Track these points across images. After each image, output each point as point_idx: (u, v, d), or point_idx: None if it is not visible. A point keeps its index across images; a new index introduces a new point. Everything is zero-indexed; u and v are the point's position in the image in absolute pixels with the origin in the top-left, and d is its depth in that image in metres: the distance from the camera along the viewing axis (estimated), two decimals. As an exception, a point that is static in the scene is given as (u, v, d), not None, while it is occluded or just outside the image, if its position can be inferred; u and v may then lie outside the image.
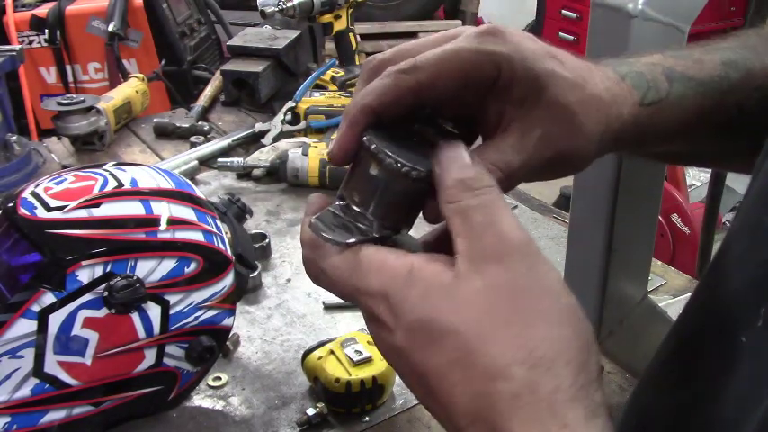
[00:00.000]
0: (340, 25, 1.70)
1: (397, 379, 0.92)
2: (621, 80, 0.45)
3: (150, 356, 0.78)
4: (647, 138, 0.47)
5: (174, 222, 0.78)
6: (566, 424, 0.32)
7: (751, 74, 0.48)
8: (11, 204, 0.76)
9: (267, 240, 1.23)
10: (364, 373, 0.87)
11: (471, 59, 0.40)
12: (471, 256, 0.35)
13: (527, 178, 0.44)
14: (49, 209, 0.75)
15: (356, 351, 0.89)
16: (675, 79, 0.47)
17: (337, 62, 1.75)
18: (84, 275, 0.73)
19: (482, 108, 0.43)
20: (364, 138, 0.40)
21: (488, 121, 0.43)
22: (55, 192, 0.77)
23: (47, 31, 2.73)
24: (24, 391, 0.74)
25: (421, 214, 0.43)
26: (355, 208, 0.41)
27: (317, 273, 0.40)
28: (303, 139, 1.55)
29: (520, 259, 0.35)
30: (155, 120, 1.76)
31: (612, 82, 0.45)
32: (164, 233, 0.77)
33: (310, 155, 1.42)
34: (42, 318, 0.72)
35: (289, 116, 1.62)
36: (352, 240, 0.39)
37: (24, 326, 0.72)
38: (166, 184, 0.82)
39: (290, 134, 1.60)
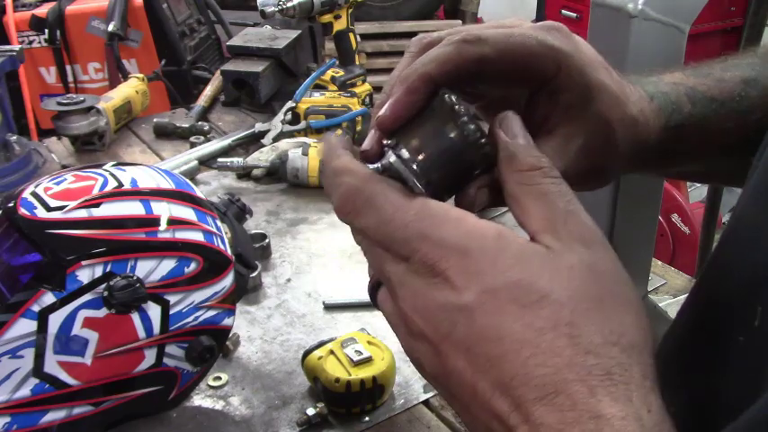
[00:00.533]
0: (340, 25, 1.70)
1: (397, 379, 0.92)
2: (651, 101, 0.46)
3: (150, 356, 0.78)
4: (668, 159, 0.48)
5: (174, 222, 0.78)
6: (651, 410, 0.31)
7: None
8: (11, 204, 0.76)
9: (267, 240, 1.23)
10: (364, 373, 0.87)
11: (535, 49, 0.40)
12: (560, 236, 0.34)
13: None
14: (49, 209, 0.75)
15: (356, 351, 0.89)
16: (697, 100, 0.47)
17: (337, 62, 1.75)
18: (84, 275, 0.73)
19: (529, 106, 0.43)
20: (446, 95, 0.38)
21: (533, 120, 0.43)
22: (55, 192, 0.77)
23: (47, 31, 2.73)
24: (24, 391, 0.74)
25: None
26: (410, 162, 0.38)
27: (362, 206, 0.36)
28: (303, 139, 1.55)
29: (602, 248, 0.35)
30: (155, 120, 1.76)
31: (645, 103, 0.45)
32: (164, 233, 0.77)
33: (310, 155, 1.42)
34: (42, 318, 0.72)
35: (289, 116, 1.62)
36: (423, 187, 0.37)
37: (24, 326, 0.72)
38: (166, 184, 0.82)
39: (290, 134, 1.60)
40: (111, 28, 2.65)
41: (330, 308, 1.09)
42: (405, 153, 0.38)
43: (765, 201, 0.37)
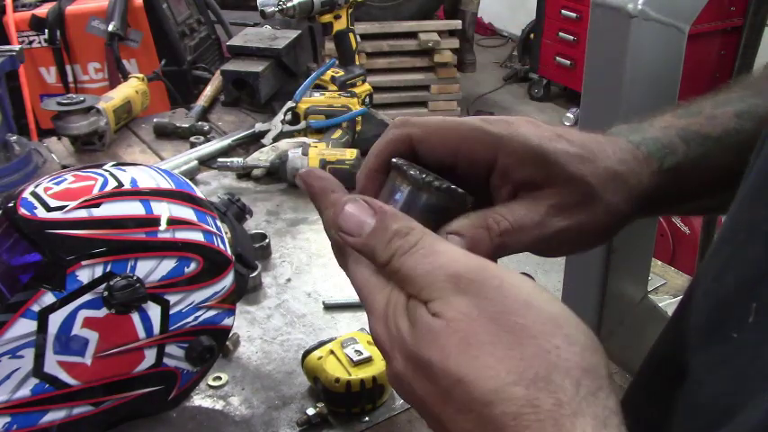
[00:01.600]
0: (340, 25, 1.70)
1: (397, 379, 0.92)
2: (636, 149, 0.46)
3: (150, 356, 0.78)
4: (672, 200, 0.48)
5: (174, 222, 0.78)
6: None
7: (764, 120, 0.48)
8: (11, 204, 0.76)
9: (267, 240, 1.23)
10: (364, 373, 0.87)
11: (466, 132, 0.43)
12: (442, 290, 0.35)
13: (544, 247, 0.44)
14: (49, 209, 0.75)
15: (356, 351, 0.89)
16: (691, 139, 0.47)
17: (337, 62, 1.75)
18: (84, 275, 0.73)
19: (493, 188, 0.45)
20: (393, 160, 0.43)
21: (500, 198, 0.44)
22: (55, 192, 0.77)
23: (47, 31, 2.73)
24: (24, 391, 0.74)
25: None
26: None
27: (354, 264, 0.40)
28: (303, 139, 1.55)
29: (480, 284, 0.34)
30: (155, 120, 1.76)
31: (627, 152, 0.45)
32: (164, 233, 0.77)
33: (310, 155, 1.42)
34: (42, 318, 0.72)
35: (289, 116, 1.62)
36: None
37: (24, 326, 0.72)
38: (166, 184, 0.82)
39: (290, 134, 1.60)
40: (111, 28, 2.65)
41: (330, 308, 1.09)
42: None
43: (761, 199, 0.37)
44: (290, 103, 1.63)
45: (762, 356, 0.33)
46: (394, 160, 0.43)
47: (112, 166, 0.84)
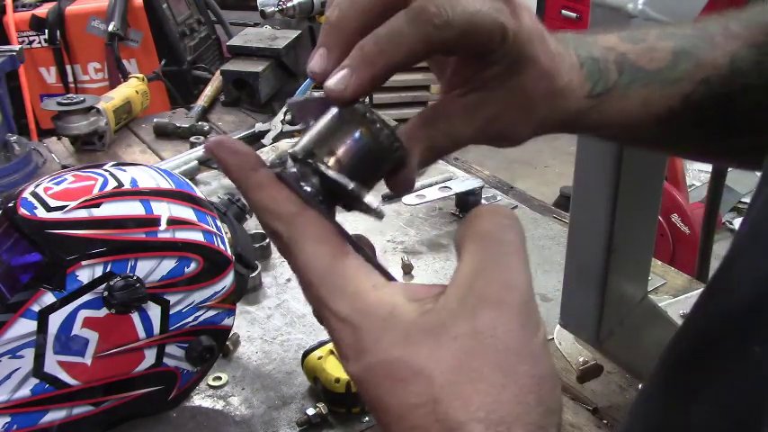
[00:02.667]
0: (340, 25, 1.70)
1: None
2: (580, 68, 0.45)
3: (150, 356, 0.78)
4: (587, 125, 0.47)
5: (174, 222, 0.78)
6: None
7: (700, 66, 0.48)
8: (11, 204, 0.76)
9: (267, 240, 1.23)
10: (364, 373, 0.87)
11: (489, 27, 0.38)
12: (465, 297, 0.33)
13: (467, 143, 0.44)
14: (49, 209, 0.75)
15: (356, 351, 0.89)
16: (625, 69, 0.47)
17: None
18: (84, 275, 0.73)
19: (454, 67, 0.43)
20: (357, 106, 0.38)
21: (452, 80, 0.43)
22: (55, 192, 0.77)
23: (47, 31, 2.73)
24: (24, 391, 0.74)
25: None
26: (323, 163, 0.39)
27: (285, 254, 0.37)
28: (303, 139, 1.55)
29: (517, 313, 0.33)
30: (155, 120, 1.76)
31: (574, 72, 0.45)
32: (164, 233, 0.77)
33: (310, 155, 1.42)
34: (42, 318, 0.72)
35: (289, 116, 1.62)
36: (348, 184, 0.37)
37: (24, 326, 0.72)
38: (166, 184, 0.82)
39: (290, 134, 1.60)
40: (111, 28, 2.65)
41: (330, 308, 1.09)
42: (321, 165, 0.39)
43: None
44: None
45: None
46: (358, 106, 0.38)
47: (112, 166, 0.84)
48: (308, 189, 0.38)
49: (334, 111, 0.39)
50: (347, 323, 0.35)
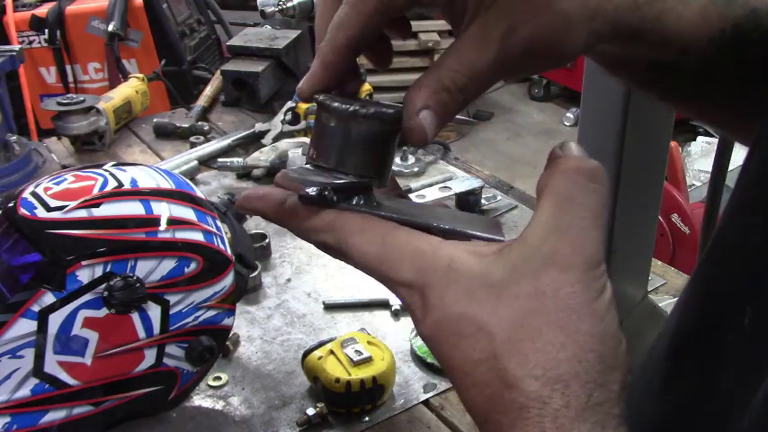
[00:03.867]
0: (340, 25, 1.70)
1: (397, 379, 0.92)
2: None
3: (150, 356, 0.78)
4: (649, 33, 0.42)
5: (174, 222, 0.78)
6: None
7: (722, 17, 0.44)
8: (11, 204, 0.76)
9: (267, 240, 1.23)
10: (364, 373, 0.87)
11: None
12: (533, 257, 0.34)
13: (505, 75, 0.39)
14: (49, 209, 0.75)
15: (356, 351, 0.89)
16: None
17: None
18: (84, 275, 0.73)
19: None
20: (315, 96, 0.39)
21: (453, 13, 0.41)
22: (55, 192, 0.77)
23: (47, 31, 2.73)
24: (24, 391, 0.74)
25: None
26: (324, 165, 0.39)
27: (342, 257, 0.38)
28: (303, 139, 1.55)
29: (582, 276, 0.33)
30: (155, 120, 1.76)
31: None
32: (164, 233, 0.77)
33: (310, 155, 1.42)
34: (42, 318, 0.72)
35: (289, 116, 1.62)
36: (342, 181, 0.37)
37: (24, 326, 0.72)
38: (166, 184, 0.82)
39: (290, 134, 1.60)
40: (111, 28, 2.66)
41: (330, 308, 1.09)
42: (318, 162, 0.40)
43: (753, 204, 0.37)
44: (290, 103, 1.63)
45: (756, 359, 0.33)
46: (315, 96, 0.39)
47: (112, 166, 0.84)
48: (329, 196, 0.38)
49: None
50: (413, 287, 0.35)
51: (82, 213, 0.75)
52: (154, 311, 0.77)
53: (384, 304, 1.09)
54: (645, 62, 0.45)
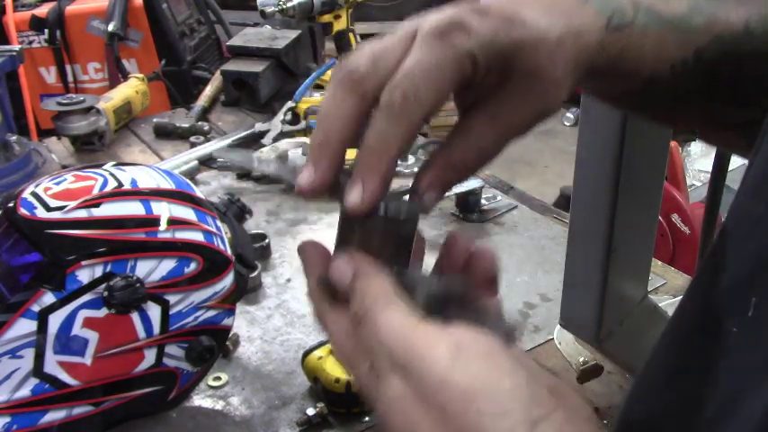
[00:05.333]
0: (340, 25, 1.71)
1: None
2: (584, 3, 0.43)
3: (150, 356, 0.78)
4: (616, 68, 0.45)
5: (174, 222, 0.78)
6: None
7: (715, 21, 0.47)
8: (11, 204, 0.76)
9: (267, 240, 1.23)
10: (364, 373, 0.87)
11: (454, 68, 0.39)
12: (379, 372, 0.37)
13: (510, 142, 0.43)
14: (48, 209, 0.75)
15: (356, 351, 0.89)
16: (641, 10, 0.45)
17: (337, 62, 1.75)
18: (84, 275, 0.73)
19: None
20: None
21: (457, 102, 0.43)
22: (55, 192, 0.77)
23: (47, 31, 2.73)
24: (24, 391, 0.74)
25: None
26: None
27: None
28: (303, 139, 1.55)
29: (410, 364, 0.36)
30: (155, 120, 1.76)
31: (574, 8, 0.42)
32: (164, 233, 0.77)
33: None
34: (42, 318, 0.72)
35: (289, 116, 1.62)
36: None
37: (24, 326, 0.72)
38: (166, 184, 0.82)
39: (290, 134, 1.60)
40: (111, 28, 2.65)
41: (330, 308, 1.09)
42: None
43: (760, 195, 0.37)
44: (289, 103, 1.63)
45: (761, 351, 0.33)
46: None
47: (112, 166, 0.84)
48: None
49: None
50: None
51: (82, 213, 0.75)
52: (154, 311, 0.77)
53: (384, 304, 1.09)
54: (616, 93, 0.49)
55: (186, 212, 0.80)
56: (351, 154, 0.43)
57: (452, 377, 0.34)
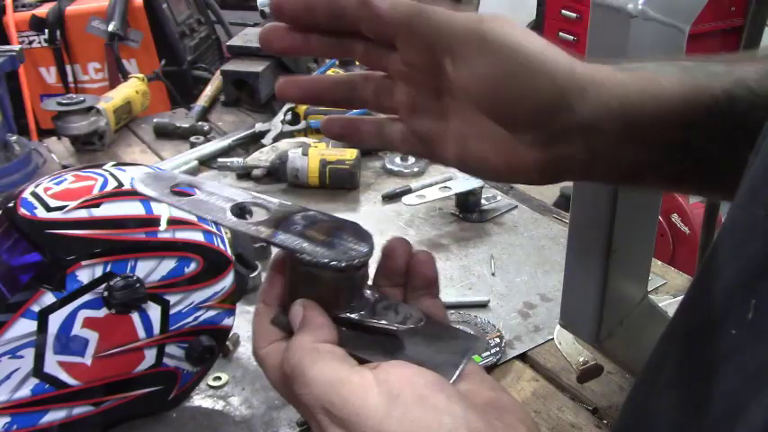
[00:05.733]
0: (340, 25, 1.70)
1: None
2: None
3: (150, 356, 0.78)
4: (617, 136, 0.45)
5: (174, 222, 0.78)
6: None
7: (731, 70, 0.47)
8: (11, 204, 0.76)
9: (267, 240, 1.23)
10: (364, 373, 0.87)
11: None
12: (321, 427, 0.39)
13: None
14: (49, 209, 0.75)
15: (356, 351, 0.89)
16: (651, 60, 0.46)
17: (337, 62, 1.75)
18: (84, 275, 0.73)
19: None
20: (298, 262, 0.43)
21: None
22: (55, 192, 0.77)
23: (47, 31, 2.73)
24: (24, 392, 0.74)
25: None
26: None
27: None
28: (303, 139, 1.55)
29: (346, 419, 0.36)
30: (155, 120, 1.76)
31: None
32: (164, 233, 0.77)
33: (310, 155, 1.42)
34: (42, 318, 0.72)
35: (289, 116, 1.62)
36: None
37: (24, 326, 0.72)
38: (166, 184, 0.82)
39: (290, 134, 1.60)
40: (111, 28, 2.65)
41: (330, 308, 1.09)
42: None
43: (759, 198, 0.37)
44: (290, 103, 1.62)
45: (761, 354, 0.33)
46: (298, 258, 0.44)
47: (112, 166, 0.84)
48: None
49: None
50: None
51: (82, 213, 0.75)
52: (154, 311, 0.77)
53: (384, 304, 1.08)
54: (658, 147, 0.46)
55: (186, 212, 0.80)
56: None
57: (389, 428, 0.35)
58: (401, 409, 0.35)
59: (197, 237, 0.79)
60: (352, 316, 0.42)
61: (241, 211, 0.58)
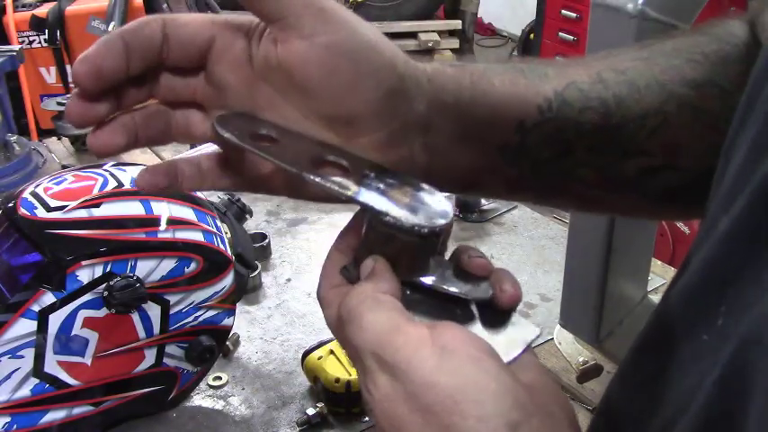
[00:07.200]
0: (340, 25, 1.70)
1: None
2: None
3: (150, 356, 0.78)
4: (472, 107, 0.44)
5: (174, 222, 0.78)
6: None
7: (563, 73, 0.47)
8: (11, 204, 0.77)
9: (267, 240, 1.23)
10: (364, 373, 0.87)
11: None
12: (365, 371, 0.38)
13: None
14: (49, 209, 0.75)
15: (356, 351, 0.89)
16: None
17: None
18: (84, 275, 0.73)
19: None
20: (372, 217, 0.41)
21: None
22: (55, 192, 0.77)
23: (47, 31, 2.73)
24: (24, 391, 0.74)
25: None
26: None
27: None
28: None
29: (394, 365, 0.36)
30: (155, 120, 1.75)
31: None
32: (164, 233, 0.77)
33: (310, 155, 1.42)
34: (42, 318, 0.72)
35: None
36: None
37: (24, 326, 0.72)
38: (166, 184, 0.82)
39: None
40: (111, 28, 2.65)
41: (330, 308, 1.09)
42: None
43: (727, 205, 0.37)
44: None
45: (719, 361, 0.33)
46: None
47: (112, 166, 0.84)
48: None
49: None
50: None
51: (82, 213, 0.75)
52: (154, 311, 0.77)
53: (384, 304, 1.09)
54: (494, 149, 0.46)
55: (186, 212, 0.80)
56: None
57: (438, 378, 0.34)
58: (454, 363, 0.35)
59: (197, 237, 0.79)
60: (424, 280, 0.41)
61: (241, 211, 0.57)
